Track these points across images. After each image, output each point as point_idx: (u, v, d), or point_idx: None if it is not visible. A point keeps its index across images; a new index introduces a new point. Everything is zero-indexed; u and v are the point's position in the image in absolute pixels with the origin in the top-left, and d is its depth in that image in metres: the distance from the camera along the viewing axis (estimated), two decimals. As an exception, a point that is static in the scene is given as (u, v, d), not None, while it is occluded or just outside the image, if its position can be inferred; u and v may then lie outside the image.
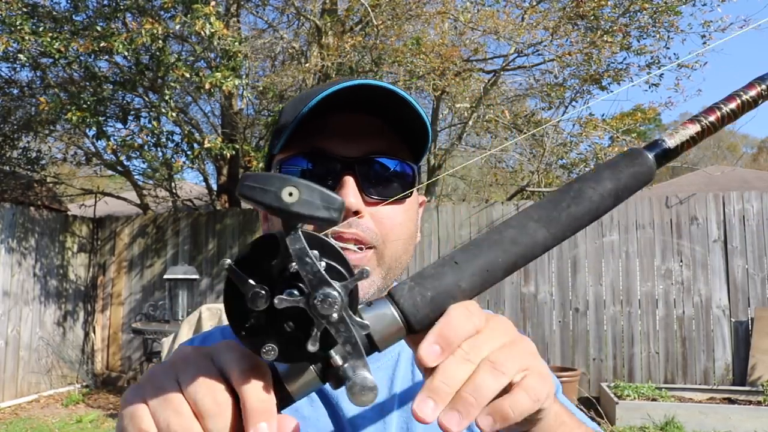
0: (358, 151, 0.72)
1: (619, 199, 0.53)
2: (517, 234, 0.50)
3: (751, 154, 36.35)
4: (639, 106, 8.28)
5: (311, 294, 0.41)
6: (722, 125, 0.55)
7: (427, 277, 0.48)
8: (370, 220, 0.71)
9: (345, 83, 0.68)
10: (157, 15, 6.44)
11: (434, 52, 6.61)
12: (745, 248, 6.18)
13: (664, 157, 0.54)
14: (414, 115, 0.71)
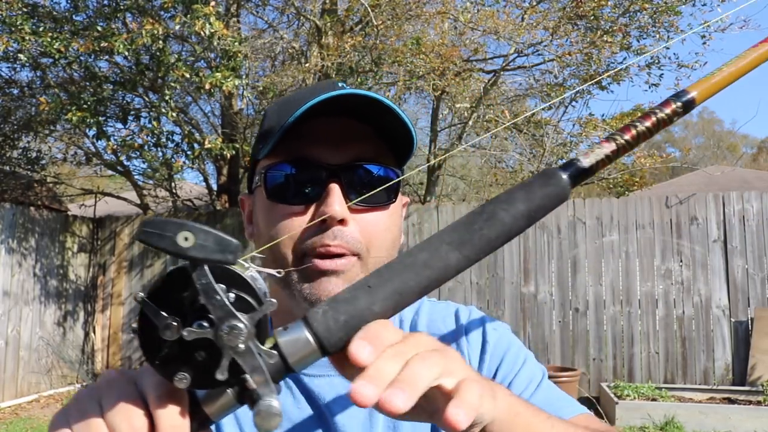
0: (342, 157, 0.72)
1: (532, 219, 0.53)
2: (429, 257, 0.51)
3: (751, 154, 36.37)
4: (639, 106, 8.29)
5: (218, 326, 0.44)
6: (638, 143, 0.56)
7: (341, 301, 0.49)
8: (355, 227, 0.71)
9: (330, 93, 0.68)
10: (157, 15, 6.44)
11: (434, 52, 6.61)
12: (745, 248, 6.18)
13: (579, 176, 0.55)
14: (398, 122, 0.71)
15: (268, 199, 0.74)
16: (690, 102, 0.57)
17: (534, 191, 0.53)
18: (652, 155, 7.50)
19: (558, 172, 0.54)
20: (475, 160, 11.65)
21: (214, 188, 9.02)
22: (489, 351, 0.80)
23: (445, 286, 6.75)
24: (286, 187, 0.73)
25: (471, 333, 0.82)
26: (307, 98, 0.70)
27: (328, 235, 0.69)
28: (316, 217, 0.70)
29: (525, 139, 8.40)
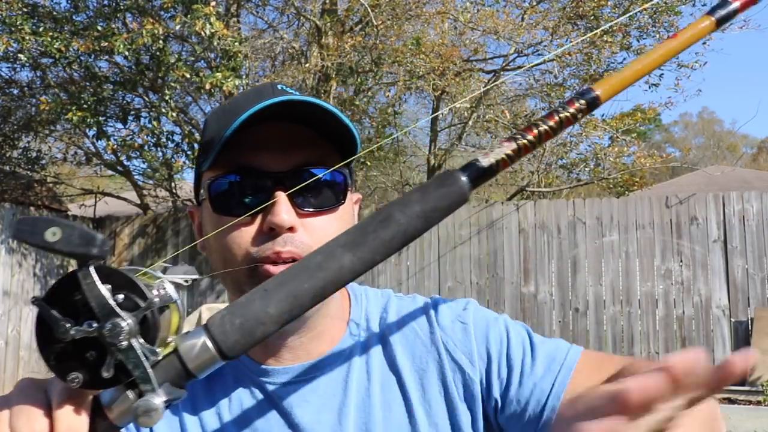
0: (287, 164, 0.71)
1: (429, 220, 0.54)
2: (323, 260, 0.52)
3: (751, 154, 36.36)
4: (639, 106, 8.30)
5: (101, 324, 0.45)
6: (540, 142, 0.56)
7: (238, 305, 0.50)
8: (304, 233, 0.70)
9: (268, 101, 0.68)
10: (158, 15, 6.44)
11: (434, 52, 6.62)
12: (745, 248, 6.18)
13: (479, 177, 0.55)
14: (339, 123, 0.71)
15: (214, 211, 0.73)
16: (594, 100, 0.57)
17: (430, 193, 0.54)
18: (652, 155, 7.51)
19: (455, 174, 0.54)
20: (475, 160, 11.65)
21: (214, 188, 9.00)
22: (473, 333, 0.79)
23: (444, 285, 6.78)
24: (232, 197, 0.72)
25: (446, 323, 0.80)
26: (246, 105, 0.69)
27: (278, 242, 0.69)
28: (265, 226, 0.69)
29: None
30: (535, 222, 6.68)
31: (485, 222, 6.79)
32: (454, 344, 0.78)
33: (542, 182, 8.17)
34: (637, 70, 0.59)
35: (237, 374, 0.78)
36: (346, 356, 0.78)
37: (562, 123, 0.56)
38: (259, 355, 0.77)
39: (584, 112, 0.56)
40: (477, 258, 6.77)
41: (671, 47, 0.60)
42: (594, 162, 8.01)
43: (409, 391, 0.76)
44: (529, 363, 0.76)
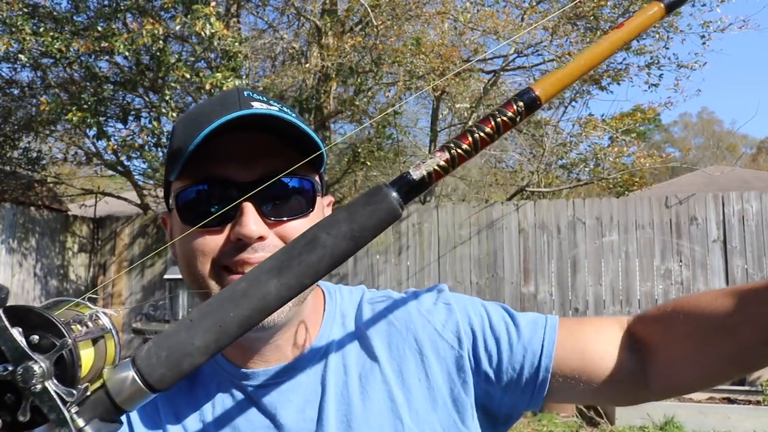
0: (253, 174, 0.71)
1: (358, 240, 0.51)
2: (248, 287, 0.50)
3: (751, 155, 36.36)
4: (638, 106, 8.30)
5: (14, 368, 0.44)
6: (477, 150, 0.53)
7: (164, 336, 0.49)
8: (275, 238, 0.71)
9: (232, 114, 0.68)
10: (158, 15, 6.45)
11: (434, 52, 6.62)
12: (745, 248, 6.19)
13: (410, 191, 0.52)
14: (302, 131, 0.71)
15: (182, 222, 0.73)
16: (533, 101, 0.54)
17: (357, 210, 0.52)
18: (651, 155, 7.51)
19: (384, 189, 0.52)
20: (475, 160, 11.65)
21: (214, 188, 9.01)
22: (456, 312, 0.81)
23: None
24: (199, 207, 0.72)
25: (429, 307, 0.82)
26: (211, 115, 0.69)
27: (247, 251, 0.69)
28: (233, 236, 0.69)
29: (525, 139, 8.41)
30: (535, 222, 6.68)
31: (485, 222, 6.80)
32: (442, 325, 0.80)
33: (542, 182, 8.17)
34: (580, 65, 0.56)
35: (218, 379, 0.79)
36: (322, 353, 0.79)
37: (500, 128, 0.53)
38: (237, 358, 0.78)
39: (523, 114, 0.53)
40: (477, 258, 6.78)
41: (618, 37, 0.57)
42: (594, 162, 8.02)
43: (388, 380, 0.78)
44: (514, 331, 0.79)
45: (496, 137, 0.53)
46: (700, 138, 38.09)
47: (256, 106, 0.71)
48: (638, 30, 0.58)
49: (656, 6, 0.58)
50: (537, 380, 0.76)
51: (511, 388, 0.78)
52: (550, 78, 0.55)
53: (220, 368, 0.79)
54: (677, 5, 0.60)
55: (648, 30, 0.64)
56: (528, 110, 0.53)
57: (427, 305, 0.82)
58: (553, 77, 0.55)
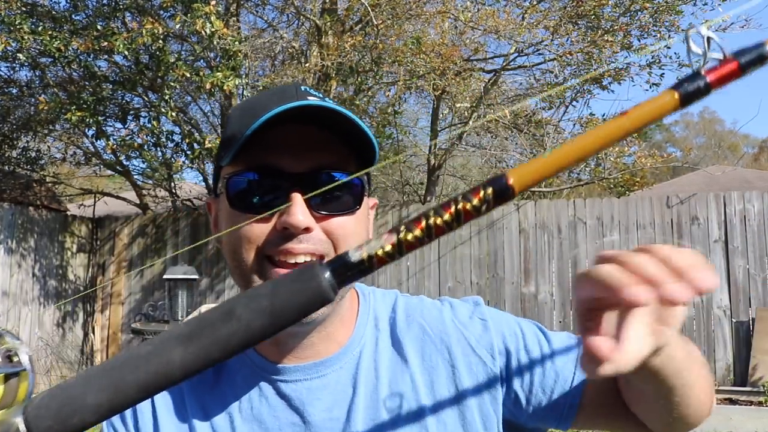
0: (305, 165, 0.72)
1: (277, 318, 0.47)
2: (153, 350, 0.47)
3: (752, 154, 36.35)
4: (639, 105, 8.25)
5: None
6: (431, 237, 0.46)
7: (62, 387, 0.47)
8: (320, 232, 0.72)
9: (291, 104, 0.69)
10: (157, 14, 6.43)
11: (434, 51, 6.60)
12: (746, 248, 6.16)
13: (346, 274, 0.47)
14: (358, 128, 0.71)
15: (230, 207, 0.74)
16: (504, 190, 0.46)
17: (283, 287, 0.48)
18: (653, 155, 7.49)
19: (316, 269, 0.47)
20: (475, 160, 11.64)
21: (214, 188, 8.99)
22: (492, 329, 0.81)
23: (445, 285, 6.77)
24: (249, 195, 0.73)
25: (464, 320, 0.83)
26: (269, 105, 0.70)
27: (292, 242, 0.70)
28: (279, 225, 0.70)
29: (525, 138, 8.39)
30: (536, 222, 6.66)
31: (485, 222, 6.78)
32: (477, 340, 0.80)
33: (542, 182, 8.15)
34: (567, 155, 0.47)
35: (246, 372, 0.79)
36: (355, 354, 0.80)
37: (460, 216, 0.46)
38: (269, 352, 0.78)
39: (491, 203, 0.46)
40: (477, 258, 6.75)
41: (619, 126, 0.47)
42: (594, 162, 8.00)
43: (418, 388, 0.78)
44: (548, 352, 0.79)
45: (455, 226, 0.46)
46: (702, 138, 38.10)
47: (311, 99, 0.72)
48: (645, 120, 0.48)
49: (670, 95, 0.48)
50: (566, 405, 0.77)
51: (540, 409, 0.78)
52: (528, 166, 0.47)
53: (249, 360, 0.79)
54: (694, 98, 0.49)
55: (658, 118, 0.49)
56: (497, 200, 0.46)
57: (462, 318, 0.83)
58: (532, 166, 0.47)
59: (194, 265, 7.14)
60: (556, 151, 0.47)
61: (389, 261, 0.47)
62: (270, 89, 0.82)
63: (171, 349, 0.47)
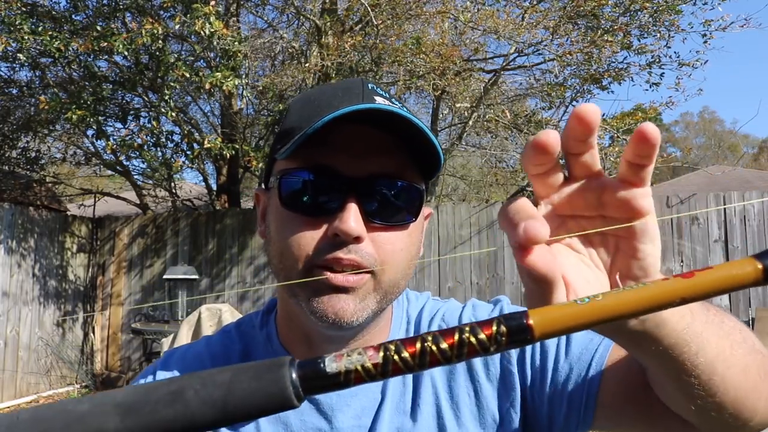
0: (363, 170, 0.68)
1: (228, 415, 0.41)
2: (89, 413, 0.42)
3: (752, 154, 36.37)
4: (640, 105, 8.27)
5: None
6: (423, 365, 0.39)
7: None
8: (369, 244, 0.68)
9: (357, 106, 0.65)
10: (157, 15, 6.43)
11: (434, 51, 6.60)
12: (746, 248, 6.16)
13: (316, 382, 0.41)
14: (423, 136, 0.68)
15: (281, 206, 0.71)
16: (521, 330, 0.38)
17: (244, 380, 0.42)
18: (652, 155, 7.48)
19: (284, 369, 0.41)
20: (475, 159, 11.64)
21: (214, 188, 9.01)
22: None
23: (445, 285, 6.76)
24: (302, 195, 0.70)
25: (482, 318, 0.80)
26: (333, 101, 0.67)
27: (342, 250, 0.67)
28: (330, 231, 0.67)
29: (525, 138, 8.38)
30: (536, 222, 6.66)
31: (485, 222, 6.78)
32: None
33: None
34: (606, 309, 0.39)
35: None
36: None
37: (462, 349, 0.39)
38: (301, 354, 0.76)
39: (502, 344, 0.38)
40: (477, 258, 6.76)
41: (679, 288, 0.38)
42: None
43: (438, 393, 0.77)
44: (563, 347, 0.75)
45: (453, 360, 0.39)
46: (702, 137, 38.10)
47: (378, 100, 0.68)
48: (713, 289, 0.38)
49: (752, 266, 0.38)
50: (582, 399, 0.72)
51: (556, 405, 0.74)
52: (557, 311, 0.39)
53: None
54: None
55: (729, 290, 0.38)
56: (511, 341, 0.39)
57: (481, 317, 0.80)
58: (561, 311, 0.39)
59: (194, 265, 7.14)
60: (595, 303, 0.39)
61: (367, 380, 0.40)
62: (335, 82, 0.78)
63: (107, 417, 0.42)
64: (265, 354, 0.77)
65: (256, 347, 0.80)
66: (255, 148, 6.98)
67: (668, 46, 7.22)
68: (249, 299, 7.24)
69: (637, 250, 0.47)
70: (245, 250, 7.34)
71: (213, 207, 8.59)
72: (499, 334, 0.39)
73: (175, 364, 0.81)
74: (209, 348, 0.81)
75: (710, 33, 7.15)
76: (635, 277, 0.47)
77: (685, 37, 7.26)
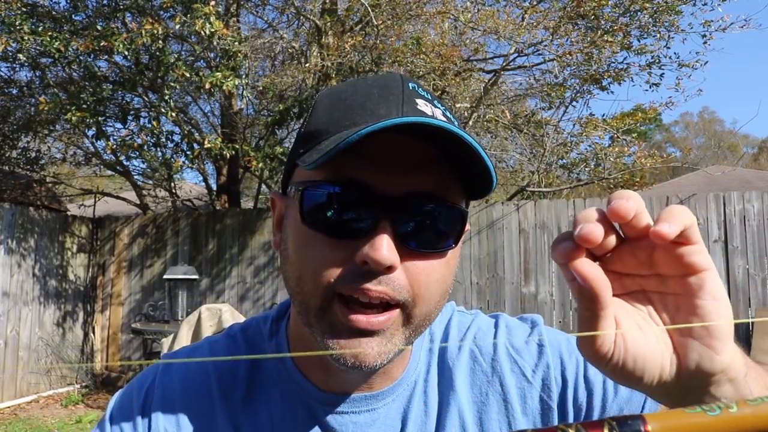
0: (400, 187, 0.58)
1: None
2: None
3: (752, 154, 36.36)
4: (639, 105, 8.27)
5: None
6: None
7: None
8: (402, 273, 0.59)
9: (404, 119, 0.54)
10: (157, 15, 6.43)
11: (434, 52, 6.60)
12: (746, 248, 6.17)
13: None
14: (473, 152, 0.57)
15: (302, 222, 0.60)
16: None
17: None
18: (652, 155, 7.49)
19: None
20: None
21: (214, 188, 9.01)
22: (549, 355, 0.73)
23: (445, 286, 6.77)
24: (327, 212, 0.59)
25: (520, 345, 0.74)
26: (367, 103, 0.59)
27: (371, 281, 0.57)
28: (359, 258, 0.57)
29: (525, 138, 8.39)
30: (536, 222, 6.66)
31: (485, 222, 6.78)
32: (532, 370, 0.72)
33: (542, 182, 8.15)
34: (745, 423, 0.33)
35: (284, 388, 0.71)
36: (409, 385, 0.72)
37: None
38: (318, 378, 0.69)
39: None
40: (477, 258, 6.76)
41: None
42: (594, 162, 8.00)
43: (466, 424, 0.70)
44: (611, 387, 0.69)
45: None
46: (701, 138, 38.10)
47: (420, 105, 0.60)
48: None
49: None
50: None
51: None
52: (681, 417, 0.34)
53: (290, 378, 0.70)
54: None
55: None
56: None
57: (519, 343, 0.74)
58: (686, 420, 0.34)
59: (194, 265, 7.14)
60: (729, 415, 0.33)
61: None
62: (370, 78, 0.65)
63: None
64: (275, 369, 0.72)
65: (266, 360, 0.73)
66: (255, 148, 6.98)
67: (668, 47, 7.23)
68: (249, 299, 7.24)
69: (696, 307, 0.45)
70: (245, 250, 7.35)
71: (213, 207, 8.59)
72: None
73: (177, 375, 0.73)
74: (213, 357, 0.75)
75: (710, 33, 7.16)
76: (698, 337, 0.45)
77: (684, 38, 7.27)
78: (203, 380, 0.72)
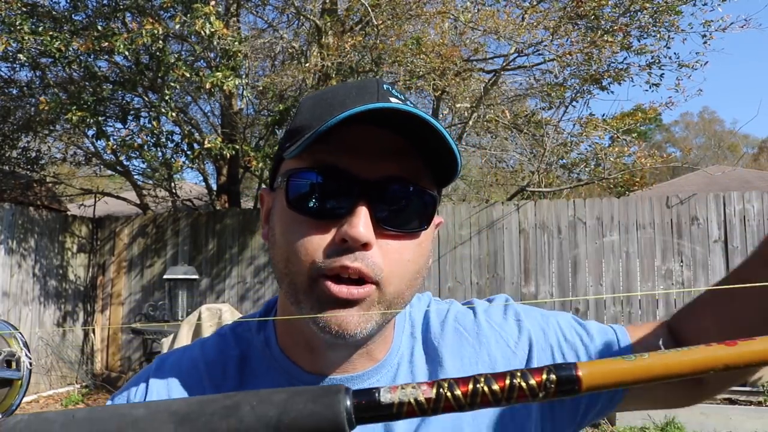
0: (375, 173, 0.65)
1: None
2: (143, 418, 0.43)
3: (752, 154, 36.36)
4: (639, 105, 8.27)
5: None
6: (472, 405, 0.42)
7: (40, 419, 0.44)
8: (377, 253, 0.65)
9: (371, 105, 0.62)
10: (157, 15, 6.43)
11: (434, 52, 6.60)
12: (746, 248, 6.17)
13: (369, 412, 0.43)
14: (440, 141, 0.64)
15: (288, 207, 0.67)
16: (570, 380, 0.41)
17: (299, 402, 0.44)
18: (652, 155, 7.49)
19: (340, 395, 0.43)
20: (475, 160, 11.63)
21: (214, 188, 9.01)
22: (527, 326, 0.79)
23: (445, 285, 6.77)
24: (310, 197, 0.66)
25: (499, 320, 0.80)
26: (346, 100, 0.64)
27: (348, 257, 0.63)
28: (338, 236, 0.63)
29: (525, 138, 8.39)
30: (536, 222, 6.67)
31: (485, 222, 6.78)
32: (515, 342, 0.77)
33: (542, 182, 8.15)
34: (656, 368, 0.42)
35: (274, 375, 0.74)
36: (392, 367, 0.76)
37: (513, 392, 0.41)
38: (302, 359, 0.74)
39: (551, 392, 0.41)
40: (477, 258, 6.76)
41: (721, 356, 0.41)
42: (594, 162, 8.00)
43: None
44: (587, 339, 0.78)
45: (503, 402, 0.41)
46: (702, 138, 38.10)
47: (393, 100, 0.65)
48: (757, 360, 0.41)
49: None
50: (611, 394, 0.75)
51: (585, 401, 0.76)
52: (605, 365, 0.42)
53: (277, 364, 0.74)
54: None
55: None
56: (559, 389, 0.41)
57: (497, 319, 0.79)
58: (609, 366, 0.42)
59: (194, 265, 7.14)
60: (642, 361, 0.42)
61: (419, 414, 0.42)
62: (349, 82, 0.74)
63: (162, 424, 0.43)
64: (264, 359, 0.75)
65: (254, 352, 0.77)
66: (255, 148, 6.98)
67: (668, 47, 7.23)
68: (249, 299, 7.24)
69: None
70: (245, 250, 7.35)
71: (213, 207, 8.59)
72: (548, 381, 0.41)
73: (169, 370, 0.77)
74: (204, 353, 0.78)
75: (710, 34, 7.16)
76: None
77: (684, 38, 7.27)
78: (195, 376, 0.76)
